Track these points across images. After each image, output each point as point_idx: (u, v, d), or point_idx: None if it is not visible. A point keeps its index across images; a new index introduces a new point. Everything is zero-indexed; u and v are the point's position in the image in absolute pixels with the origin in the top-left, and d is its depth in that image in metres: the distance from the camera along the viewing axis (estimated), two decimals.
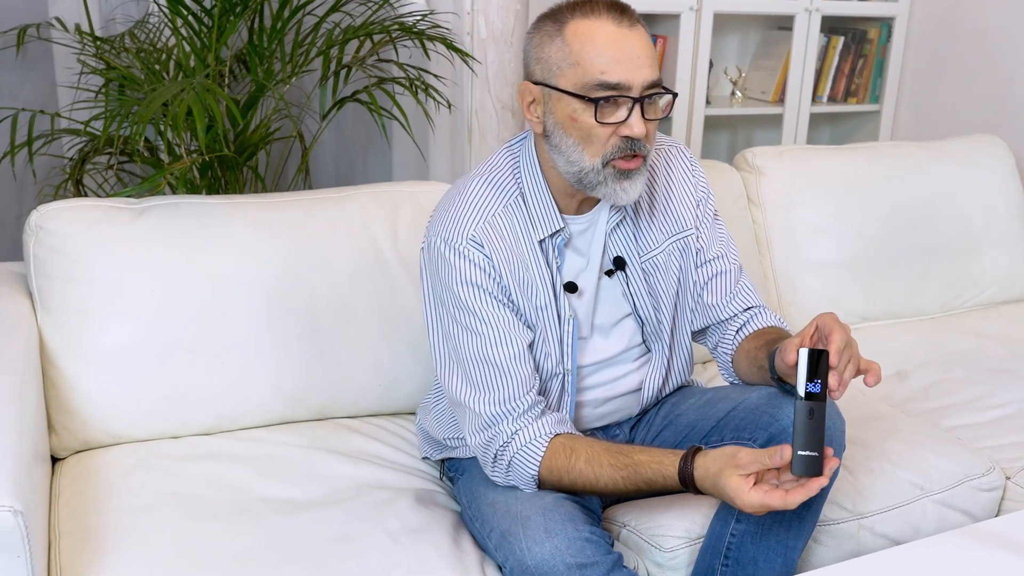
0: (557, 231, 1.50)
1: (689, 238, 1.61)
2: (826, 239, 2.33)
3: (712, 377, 2.09)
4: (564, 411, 1.56)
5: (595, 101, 1.36)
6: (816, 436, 1.25)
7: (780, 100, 3.16)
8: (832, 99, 3.27)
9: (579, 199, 1.51)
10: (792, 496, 1.25)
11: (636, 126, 1.37)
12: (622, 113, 1.38)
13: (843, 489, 1.66)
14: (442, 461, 1.74)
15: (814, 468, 1.25)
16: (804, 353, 1.28)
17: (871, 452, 1.75)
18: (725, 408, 1.54)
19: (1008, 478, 1.80)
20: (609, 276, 1.56)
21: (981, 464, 1.78)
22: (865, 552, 1.64)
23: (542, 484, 1.45)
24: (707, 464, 1.32)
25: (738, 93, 3.24)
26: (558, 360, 1.53)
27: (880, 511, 1.67)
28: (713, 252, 1.63)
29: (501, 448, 1.46)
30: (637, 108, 1.37)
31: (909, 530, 1.68)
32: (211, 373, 1.74)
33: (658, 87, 1.39)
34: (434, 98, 2.39)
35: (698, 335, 1.70)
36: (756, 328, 1.61)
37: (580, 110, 1.38)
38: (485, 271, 1.46)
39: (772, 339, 1.53)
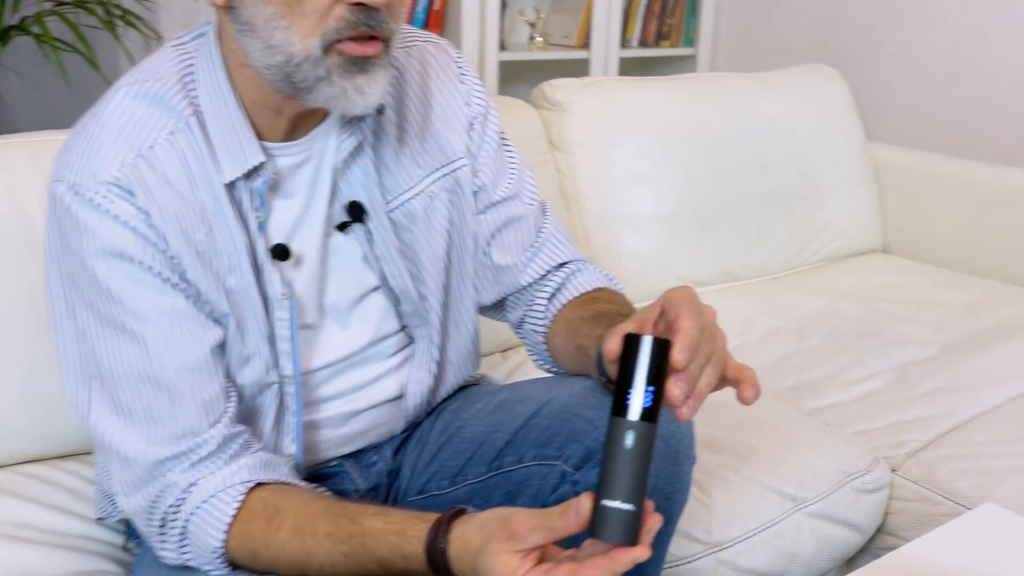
0: (255, 168, 0.97)
1: (460, 172, 1.12)
2: (645, 188, 1.93)
3: (512, 370, 1.61)
4: (288, 440, 1.05)
5: None
6: (635, 478, 0.74)
7: (585, 44, 2.90)
8: (643, 43, 3.02)
9: (289, 116, 0.99)
10: (587, 570, 0.75)
11: None
12: None
13: (692, 512, 1.21)
14: (127, 522, 1.19)
15: (625, 530, 0.74)
16: (637, 343, 0.75)
17: (722, 455, 1.32)
18: (525, 412, 1.07)
19: (894, 471, 1.41)
20: (343, 231, 1.05)
21: (861, 457, 1.38)
22: None
23: (234, 563, 0.93)
24: (468, 535, 0.83)
25: (537, 37, 2.88)
26: (270, 365, 1.01)
27: (743, 537, 1.25)
28: (501, 191, 1.15)
29: (172, 509, 0.93)
30: None
31: (782, 558, 1.26)
32: None
33: None
34: (138, 29, 1.82)
35: (493, 311, 1.22)
36: (579, 292, 1.13)
37: None
38: (140, 234, 0.92)
39: (604, 311, 1.05)
